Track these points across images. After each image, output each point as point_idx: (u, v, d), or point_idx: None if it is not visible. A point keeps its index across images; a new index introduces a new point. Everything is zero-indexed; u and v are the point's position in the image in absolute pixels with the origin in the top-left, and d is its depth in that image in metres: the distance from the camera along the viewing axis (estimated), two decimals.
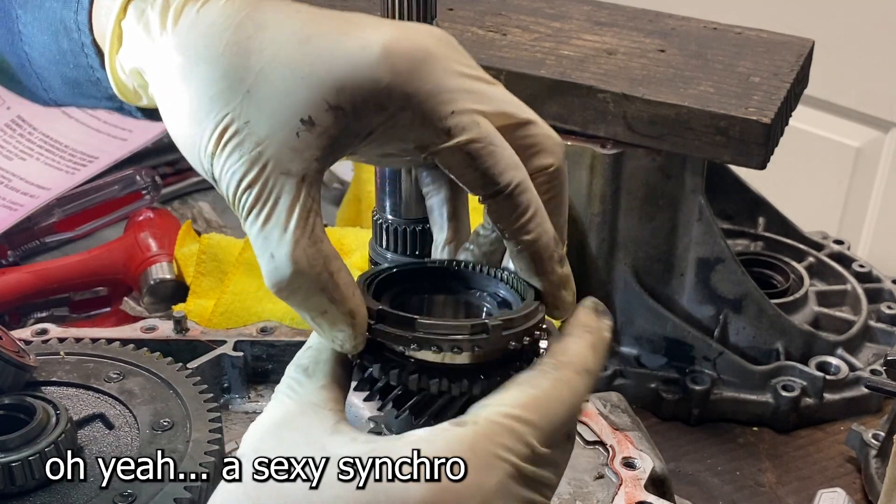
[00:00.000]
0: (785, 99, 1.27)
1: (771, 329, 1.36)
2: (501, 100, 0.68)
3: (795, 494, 1.24)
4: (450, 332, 0.61)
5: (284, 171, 0.60)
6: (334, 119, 0.61)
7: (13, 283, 1.37)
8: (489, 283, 0.69)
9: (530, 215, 0.66)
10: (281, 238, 0.60)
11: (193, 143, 0.62)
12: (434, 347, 0.61)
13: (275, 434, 0.60)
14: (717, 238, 1.33)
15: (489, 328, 0.61)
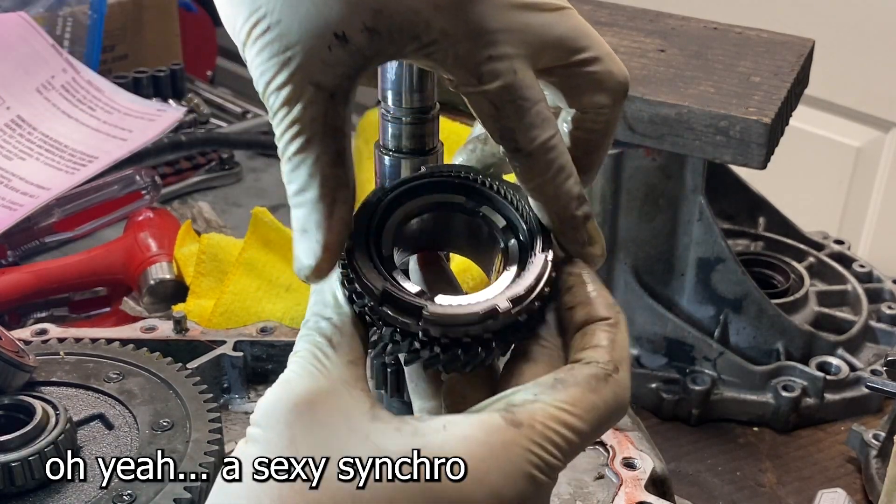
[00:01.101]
0: (785, 99, 1.27)
1: (771, 329, 1.35)
2: (560, 32, 0.63)
3: (796, 494, 1.24)
4: (459, 323, 0.58)
5: (314, 83, 0.58)
6: (368, 40, 0.58)
7: (13, 283, 1.37)
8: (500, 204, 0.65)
9: (550, 176, 0.62)
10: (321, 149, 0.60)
11: (230, 23, 0.59)
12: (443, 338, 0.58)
13: (307, 414, 0.56)
14: (718, 238, 1.32)
15: (498, 313, 0.58)
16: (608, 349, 0.58)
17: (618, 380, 0.58)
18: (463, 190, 0.66)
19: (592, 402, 0.56)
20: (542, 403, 0.56)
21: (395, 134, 0.78)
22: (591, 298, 0.61)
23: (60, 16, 1.79)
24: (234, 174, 1.81)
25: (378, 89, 0.78)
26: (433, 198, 0.66)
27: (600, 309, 0.60)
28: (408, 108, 0.77)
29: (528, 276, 0.61)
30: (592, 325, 0.60)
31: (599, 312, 0.60)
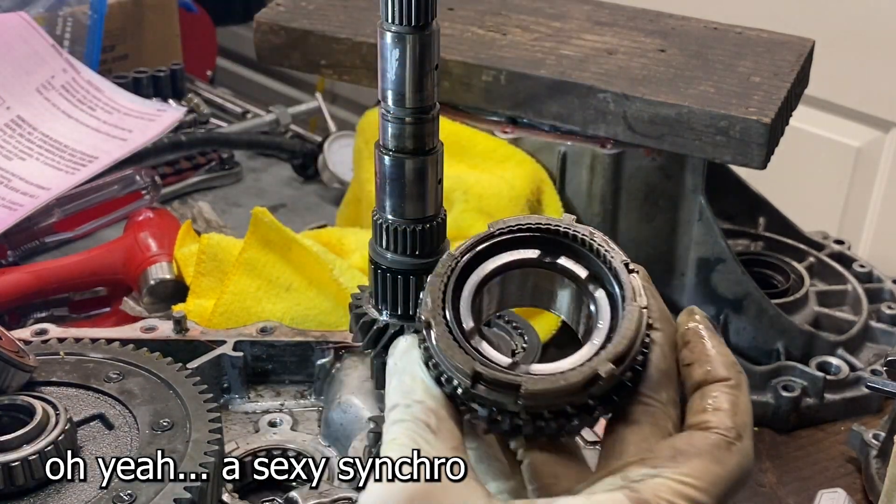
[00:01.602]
0: (785, 99, 1.27)
1: (771, 329, 1.35)
2: None
3: (796, 494, 1.24)
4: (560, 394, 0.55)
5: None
6: None
7: (13, 283, 1.37)
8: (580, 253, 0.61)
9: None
10: None
11: None
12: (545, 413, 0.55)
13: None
14: (718, 238, 1.32)
15: (601, 377, 0.55)
16: (730, 414, 0.55)
17: (742, 448, 0.54)
18: (536, 242, 0.62)
19: (717, 474, 0.53)
20: (663, 479, 0.52)
21: (395, 134, 0.78)
22: (710, 356, 0.57)
23: (60, 16, 1.79)
24: (234, 174, 1.81)
25: (378, 89, 0.78)
26: (504, 257, 0.61)
27: (720, 368, 0.56)
28: (408, 108, 0.77)
29: (624, 330, 0.56)
30: (711, 385, 0.56)
31: (720, 372, 0.56)
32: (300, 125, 1.97)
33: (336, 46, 1.41)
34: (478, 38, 1.41)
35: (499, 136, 1.36)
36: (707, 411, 0.55)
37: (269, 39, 1.45)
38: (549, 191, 1.34)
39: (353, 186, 1.55)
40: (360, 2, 1.51)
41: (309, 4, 1.50)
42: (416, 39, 0.74)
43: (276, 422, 1.03)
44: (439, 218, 0.83)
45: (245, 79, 3.65)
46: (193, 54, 2.21)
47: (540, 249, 0.61)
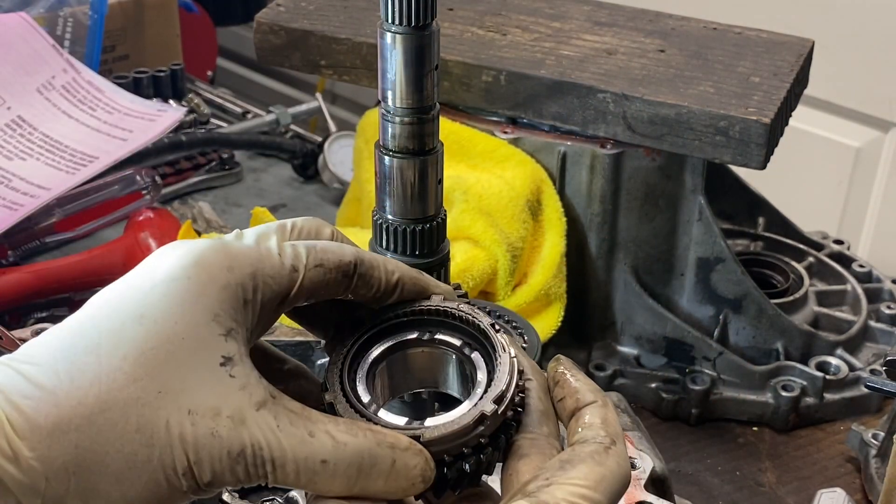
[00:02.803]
0: (785, 99, 1.27)
1: (771, 329, 1.36)
2: None
3: (795, 494, 1.24)
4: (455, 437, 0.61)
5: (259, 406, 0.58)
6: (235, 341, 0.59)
7: (13, 283, 1.37)
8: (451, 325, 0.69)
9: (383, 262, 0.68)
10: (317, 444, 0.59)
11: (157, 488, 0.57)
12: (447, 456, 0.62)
13: None
14: (717, 238, 1.33)
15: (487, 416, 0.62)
16: (602, 426, 0.63)
17: (617, 451, 0.62)
18: (414, 325, 0.69)
19: (601, 473, 0.60)
20: (556, 484, 0.59)
21: (395, 134, 0.78)
22: (577, 388, 0.66)
23: (61, 16, 1.79)
24: (234, 174, 1.81)
25: (378, 89, 0.78)
26: (388, 342, 0.68)
27: (587, 394, 0.65)
28: (408, 108, 0.77)
29: (501, 374, 0.64)
30: (582, 409, 0.65)
31: (587, 398, 0.65)
32: (300, 125, 1.97)
33: (336, 46, 1.41)
34: (478, 39, 1.42)
35: (499, 136, 1.36)
36: (582, 429, 0.63)
37: (269, 40, 1.46)
38: (549, 191, 1.34)
39: (353, 186, 1.55)
40: (360, 2, 1.51)
41: (309, 5, 1.50)
42: (416, 39, 0.74)
43: None
44: (439, 218, 0.83)
45: (245, 79, 3.65)
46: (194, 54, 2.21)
47: (418, 330, 0.69)
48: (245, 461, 0.57)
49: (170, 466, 0.56)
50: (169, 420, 0.56)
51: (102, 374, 0.56)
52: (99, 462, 0.55)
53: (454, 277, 1.23)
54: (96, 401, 0.55)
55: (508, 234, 1.30)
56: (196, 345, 0.58)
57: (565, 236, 1.34)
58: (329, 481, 0.59)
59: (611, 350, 1.41)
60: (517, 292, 1.31)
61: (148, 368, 0.57)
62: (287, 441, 0.57)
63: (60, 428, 0.54)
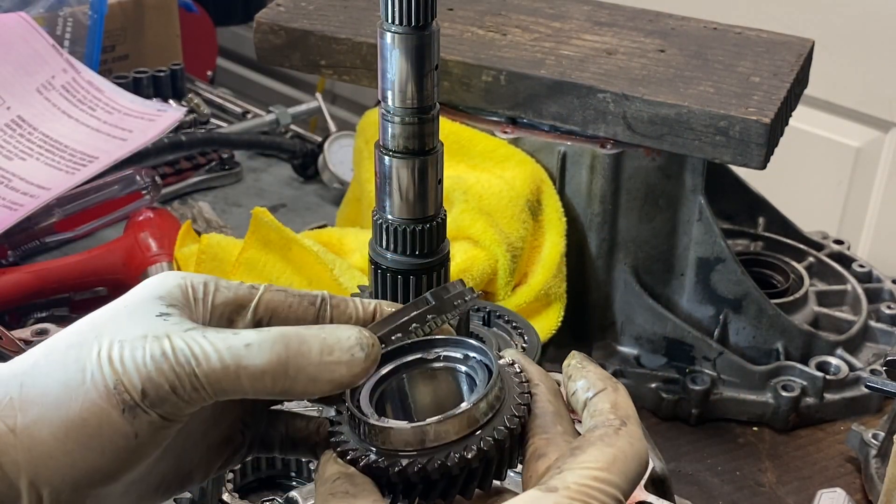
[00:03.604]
0: (785, 99, 1.27)
1: (771, 329, 1.36)
2: None
3: (795, 494, 1.24)
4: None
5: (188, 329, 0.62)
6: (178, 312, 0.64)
7: (13, 283, 1.37)
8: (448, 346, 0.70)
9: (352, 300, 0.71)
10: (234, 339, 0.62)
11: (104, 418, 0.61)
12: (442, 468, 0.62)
13: None
14: (717, 238, 1.33)
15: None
16: (612, 410, 0.63)
17: (628, 431, 0.62)
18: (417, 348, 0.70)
19: (611, 454, 0.60)
20: (567, 469, 0.59)
21: (395, 134, 0.78)
22: (586, 379, 0.66)
23: (61, 16, 1.79)
24: (234, 174, 1.81)
25: (378, 89, 0.78)
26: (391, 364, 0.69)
27: (597, 383, 0.66)
28: (408, 108, 0.77)
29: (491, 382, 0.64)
30: (593, 398, 0.65)
31: (597, 386, 0.65)
32: (300, 125, 1.97)
33: (336, 46, 1.41)
34: (478, 39, 1.42)
35: (499, 136, 1.36)
36: (592, 417, 0.64)
37: (269, 39, 1.46)
38: (549, 191, 1.34)
39: (353, 186, 1.55)
40: (360, 2, 1.51)
41: (309, 4, 1.50)
42: (416, 39, 0.74)
43: None
44: (439, 218, 0.83)
45: (245, 79, 3.65)
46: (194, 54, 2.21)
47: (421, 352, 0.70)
48: (169, 361, 0.59)
49: (101, 383, 0.59)
50: (101, 349, 0.60)
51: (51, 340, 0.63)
52: (41, 394, 0.60)
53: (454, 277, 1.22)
54: (42, 350, 0.62)
55: (508, 234, 1.29)
56: (137, 308, 0.63)
57: (565, 236, 1.34)
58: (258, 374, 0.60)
59: (611, 350, 1.41)
60: (517, 292, 1.31)
61: (91, 325, 0.63)
62: (211, 337, 0.61)
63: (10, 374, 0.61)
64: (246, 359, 0.60)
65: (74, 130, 1.62)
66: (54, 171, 1.54)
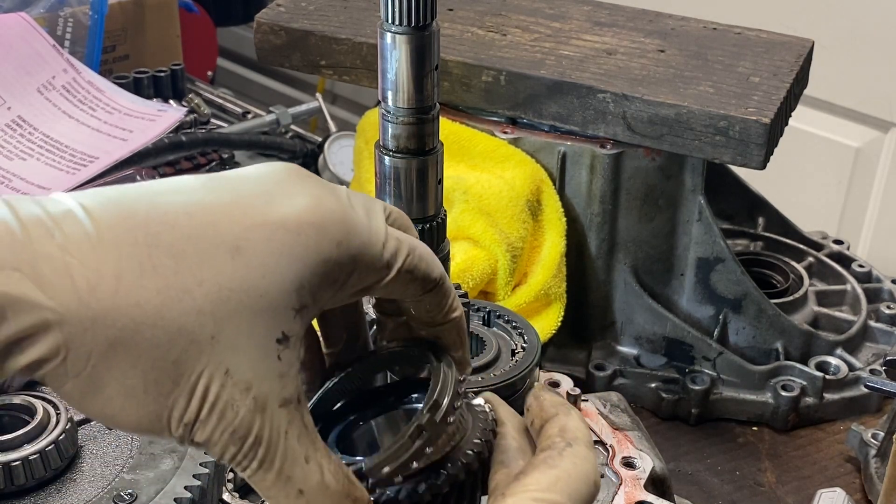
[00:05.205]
0: (784, 99, 1.27)
1: (770, 329, 1.36)
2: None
3: (795, 494, 1.24)
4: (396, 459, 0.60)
5: (284, 403, 0.55)
6: (301, 320, 0.56)
7: None
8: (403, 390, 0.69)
9: (453, 295, 0.66)
10: (306, 471, 0.56)
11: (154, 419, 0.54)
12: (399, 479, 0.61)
13: None
14: (717, 238, 1.33)
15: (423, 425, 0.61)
16: (558, 433, 0.62)
17: (574, 451, 0.61)
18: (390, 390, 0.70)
19: (553, 475, 0.59)
20: (509, 495, 0.59)
21: (395, 134, 0.78)
22: (540, 407, 0.65)
23: (61, 16, 1.79)
24: None
25: (378, 89, 0.78)
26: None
27: (549, 410, 0.65)
28: (408, 108, 0.77)
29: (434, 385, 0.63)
30: (544, 425, 0.64)
31: (548, 413, 0.64)
32: (300, 125, 1.97)
33: (336, 47, 1.41)
34: (478, 39, 1.42)
35: (499, 136, 1.36)
36: (540, 443, 0.63)
37: (270, 40, 1.46)
38: (549, 191, 1.35)
39: (353, 186, 1.55)
40: (360, 2, 1.51)
41: (309, 5, 1.50)
42: (416, 39, 0.74)
43: None
44: (439, 218, 0.83)
45: (245, 79, 3.65)
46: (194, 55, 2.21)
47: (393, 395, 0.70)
48: (241, 447, 0.55)
49: (179, 410, 0.53)
50: (206, 368, 0.53)
51: (174, 286, 0.52)
52: (122, 370, 0.52)
53: (454, 277, 1.23)
54: (154, 312, 0.52)
55: (508, 234, 1.30)
56: (268, 308, 0.54)
57: (565, 236, 1.34)
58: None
59: (611, 350, 1.41)
60: (517, 292, 1.31)
61: (215, 307, 0.53)
62: (285, 450, 0.56)
63: (107, 319, 0.51)
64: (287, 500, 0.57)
65: (75, 130, 1.62)
66: (55, 171, 1.54)
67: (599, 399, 1.07)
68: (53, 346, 0.50)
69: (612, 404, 1.07)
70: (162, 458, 0.83)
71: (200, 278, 0.53)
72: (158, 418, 0.53)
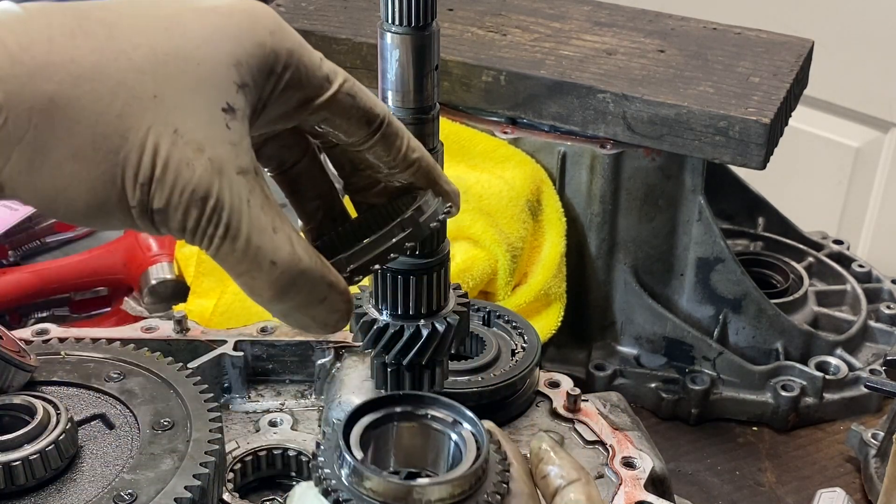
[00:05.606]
0: (784, 99, 1.27)
1: (770, 329, 1.36)
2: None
3: (795, 494, 1.24)
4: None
5: (241, 171, 0.54)
6: (244, 98, 0.56)
7: (14, 283, 1.38)
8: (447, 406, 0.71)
9: (409, 137, 0.65)
10: (275, 241, 0.55)
11: (108, 181, 0.52)
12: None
13: None
14: (717, 238, 1.33)
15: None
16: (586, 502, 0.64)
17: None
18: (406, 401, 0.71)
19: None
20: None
21: None
22: (561, 465, 0.66)
23: None
24: None
25: (378, 89, 0.78)
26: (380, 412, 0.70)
27: (571, 473, 0.65)
28: (408, 108, 0.77)
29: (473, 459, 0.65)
30: (566, 487, 0.65)
31: (571, 476, 0.65)
32: None
33: (336, 47, 1.41)
34: (478, 39, 1.42)
35: (499, 136, 1.36)
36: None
37: None
38: (549, 191, 1.35)
39: None
40: (360, 2, 1.51)
41: (309, 5, 1.50)
42: (416, 39, 0.74)
43: (276, 421, 1.03)
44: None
45: None
46: None
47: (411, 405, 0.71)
48: (203, 209, 0.53)
49: (132, 167, 0.52)
50: (153, 126, 0.52)
51: (108, 48, 0.52)
52: (66, 127, 0.51)
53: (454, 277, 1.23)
54: (91, 67, 0.51)
55: (508, 234, 1.30)
56: (209, 76, 0.54)
57: (565, 236, 1.34)
58: (263, 283, 0.57)
59: (611, 350, 1.41)
60: (517, 292, 1.31)
61: (155, 68, 0.53)
62: (250, 218, 0.55)
63: (43, 73, 0.50)
64: (258, 272, 0.56)
65: None
66: None
67: (599, 399, 1.07)
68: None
69: (612, 404, 1.07)
70: (162, 458, 0.83)
71: (135, 43, 0.53)
72: (112, 178, 0.52)
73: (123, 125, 0.52)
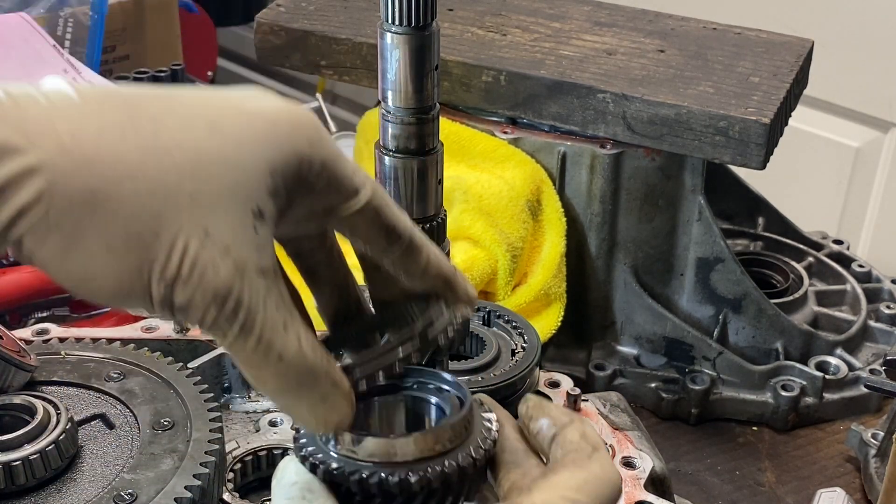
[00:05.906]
0: (784, 99, 1.27)
1: (770, 329, 1.36)
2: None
3: (795, 494, 1.24)
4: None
5: (262, 272, 0.56)
6: (275, 204, 0.57)
7: (14, 282, 1.38)
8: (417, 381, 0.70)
9: (430, 252, 0.66)
10: (285, 338, 0.57)
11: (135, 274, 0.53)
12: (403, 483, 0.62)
13: None
14: (717, 238, 1.33)
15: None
16: (581, 439, 0.63)
17: (600, 456, 0.62)
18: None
19: (583, 477, 0.60)
20: (538, 491, 0.60)
21: (395, 134, 0.78)
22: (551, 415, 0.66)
23: (61, 16, 1.79)
24: None
25: (378, 89, 0.78)
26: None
27: (562, 418, 0.65)
28: (408, 108, 0.77)
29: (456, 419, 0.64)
30: (560, 432, 0.65)
31: (563, 420, 0.65)
32: None
33: (336, 47, 1.41)
34: (478, 39, 1.42)
35: (499, 136, 1.36)
36: (562, 447, 0.63)
37: (270, 40, 1.46)
38: (549, 191, 1.35)
39: None
40: (360, 2, 1.51)
41: (309, 5, 1.50)
42: (416, 39, 0.74)
43: (276, 421, 1.03)
44: (439, 218, 0.83)
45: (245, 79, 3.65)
46: (194, 55, 2.21)
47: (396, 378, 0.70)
48: (222, 308, 0.55)
49: (160, 264, 0.53)
50: (184, 226, 0.53)
51: (152, 146, 0.54)
52: (103, 221, 0.52)
53: None
54: (135, 166, 0.53)
55: (508, 234, 1.30)
56: (244, 181, 0.55)
57: (565, 236, 1.34)
58: (268, 376, 0.58)
59: (611, 350, 1.41)
60: (517, 292, 1.31)
61: (194, 169, 0.54)
62: (265, 316, 0.56)
63: (90, 168, 0.52)
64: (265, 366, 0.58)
65: None
66: None
67: (599, 399, 1.07)
68: (36, 192, 0.50)
69: (612, 404, 1.07)
70: (162, 458, 0.83)
71: (180, 142, 0.54)
72: (139, 273, 0.53)
73: (157, 224, 0.53)
